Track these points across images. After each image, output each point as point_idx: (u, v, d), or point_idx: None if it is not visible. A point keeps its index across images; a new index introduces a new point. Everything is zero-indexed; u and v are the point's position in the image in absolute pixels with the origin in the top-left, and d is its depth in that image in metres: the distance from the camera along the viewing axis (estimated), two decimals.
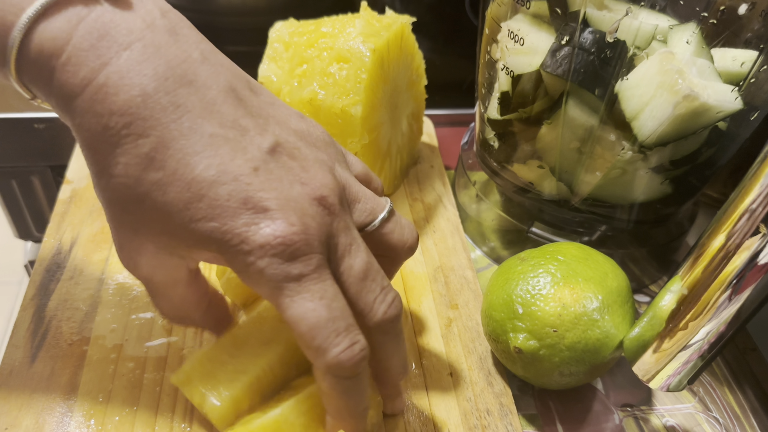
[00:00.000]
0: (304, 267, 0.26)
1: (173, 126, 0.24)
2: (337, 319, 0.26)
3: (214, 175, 0.25)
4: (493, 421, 0.34)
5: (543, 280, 0.34)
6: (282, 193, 0.26)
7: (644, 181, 0.38)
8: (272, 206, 0.25)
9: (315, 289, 0.26)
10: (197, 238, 0.26)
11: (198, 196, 0.25)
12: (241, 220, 0.25)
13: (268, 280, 0.25)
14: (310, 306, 0.26)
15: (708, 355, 0.29)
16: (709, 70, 0.33)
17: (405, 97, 0.47)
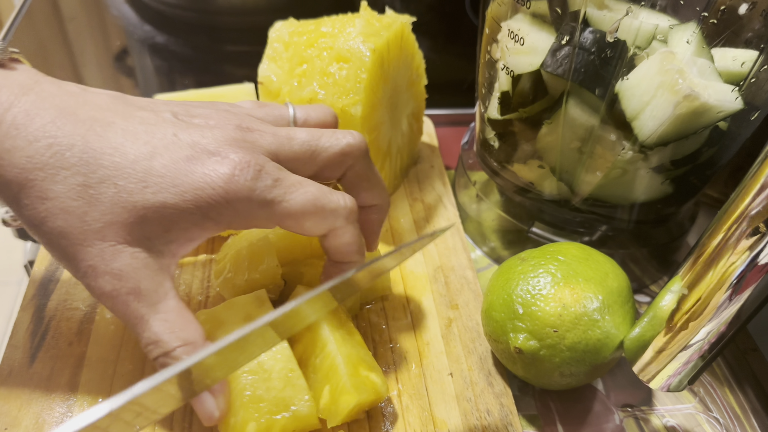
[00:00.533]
0: (272, 172, 0.29)
1: (89, 134, 0.27)
2: (323, 188, 0.30)
3: (147, 151, 0.27)
4: (493, 422, 0.34)
5: (543, 280, 0.34)
6: (209, 137, 0.28)
7: (645, 181, 0.38)
8: (212, 148, 0.28)
9: (294, 182, 0.29)
10: (172, 208, 0.27)
11: (147, 172, 0.27)
12: (197, 172, 0.27)
13: (259, 201, 0.28)
14: (301, 192, 0.29)
15: (708, 355, 0.29)
16: (709, 70, 0.33)
17: (405, 97, 0.47)
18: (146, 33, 0.69)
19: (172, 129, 0.28)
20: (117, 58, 0.66)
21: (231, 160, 0.28)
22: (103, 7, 0.74)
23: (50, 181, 0.26)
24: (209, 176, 0.27)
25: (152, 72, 0.65)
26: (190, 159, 0.27)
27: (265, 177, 0.28)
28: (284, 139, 0.30)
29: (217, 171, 0.27)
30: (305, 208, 0.29)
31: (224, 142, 0.28)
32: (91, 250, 0.27)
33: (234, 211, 0.28)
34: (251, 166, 0.28)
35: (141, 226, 0.27)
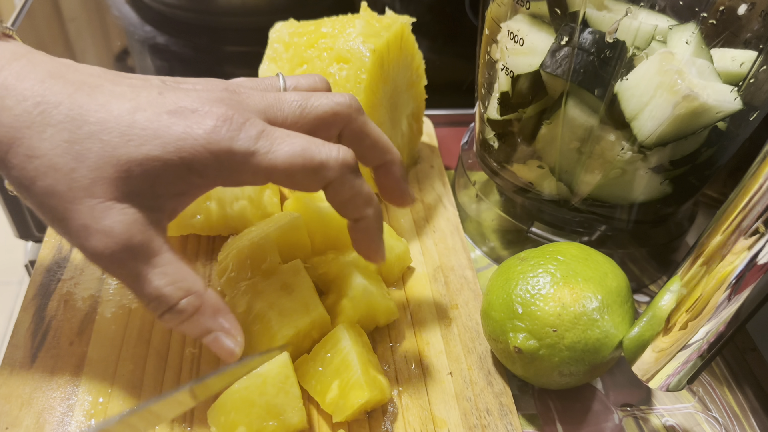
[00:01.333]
0: (257, 125, 0.28)
1: (77, 93, 0.27)
2: (313, 139, 0.29)
3: (132, 106, 0.27)
4: (492, 421, 0.34)
5: (543, 279, 0.34)
6: (195, 97, 0.28)
7: (644, 181, 0.38)
8: (196, 105, 0.28)
9: (281, 134, 0.29)
10: (155, 161, 0.27)
11: (130, 125, 0.27)
12: (180, 126, 0.27)
13: (242, 152, 0.27)
14: (288, 143, 0.28)
15: (707, 354, 0.29)
16: (708, 71, 0.33)
17: (405, 98, 0.47)
18: (147, 33, 0.69)
19: (157, 90, 0.28)
20: (118, 59, 0.66)
21: (214, 113, 0.28)
22: (103, 7, 0.74)
23: (37, 138, 0.26)
24: (191, 128, 0.27)
25: (153, 72, 0.65)
26: (173, 113, 0.27)
27: (249, 128, 0.28)
28: (272, 100, 0.30)
29: (199, 123, 0.27)
30: (293, 160, 0.28)
31: (209, 101, 0.28)
32: (81, 209, 0.27)
33: (218, 164, 0.28)
34: (234, 119, 0.28)
35: (127, 181, 0.27)
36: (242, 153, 0.28)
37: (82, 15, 0.72)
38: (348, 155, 0.30)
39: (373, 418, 0.34)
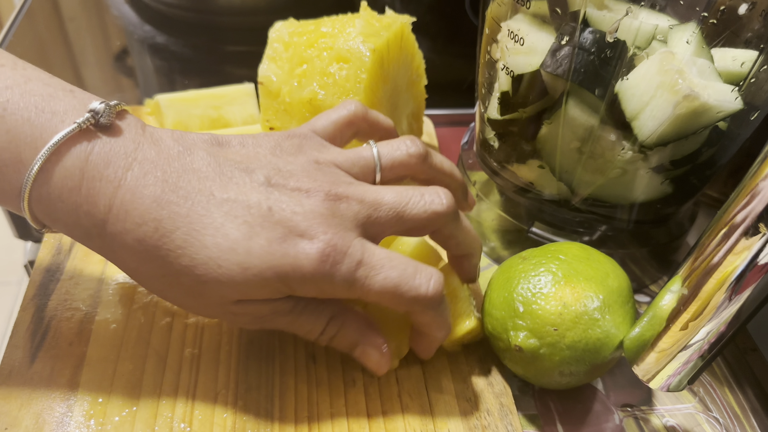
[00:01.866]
0: (357, 253, 0.30)
1: (192, 213, 0.28)
2: (406, 268, 0.30)
3: (246, 231, 0.28)
4: (493, 421, 0.34)
5: (544, 278, 0.34)
6: (300, 212, 0.29)
7: (644, 181, 0.38)
8: (303, 227, 0.29)
9: (374, 264, 0.30)
10: (260, 283, 0.29)
11: (246, 252, 0.28)
12: (289, 256, 0.29)
13: (341, 282, 0.29)
14: (381, 276, 0.30)
15: (708, 355, 0.29)
16: (709, 70, 0.33)
17: (405, 97, 0.47)
18: (146, 33, 0.69)
19: (266, 202, 0.29)
20: (117, 58, 0.66)
21: (320, 242, 0.29)
22: (103, 7, 0.74)
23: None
24: (298, 259, 0.29)
25: (152, 72, 0.65)
26: (283, 240, 0.29)
27: (350, 257, 0.29)
28: (371, 209, 0.31)
29: (307, 254, 0.29)
30: (384, 291, 0.30)
31: (314, 218, 0.29)
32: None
33: (317, 288, 0.30)
34: (338, 248, 0.29)
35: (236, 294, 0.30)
36: (341, 282, 0.29)
37: (82, 14, 0.72)
38: (438, 286, 0.31)
39: (373, 418, 0.34)
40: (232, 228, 0.28)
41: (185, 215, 0.28)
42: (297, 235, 0.29)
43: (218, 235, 0.28)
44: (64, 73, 0.62)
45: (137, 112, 0.53)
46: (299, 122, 0.43)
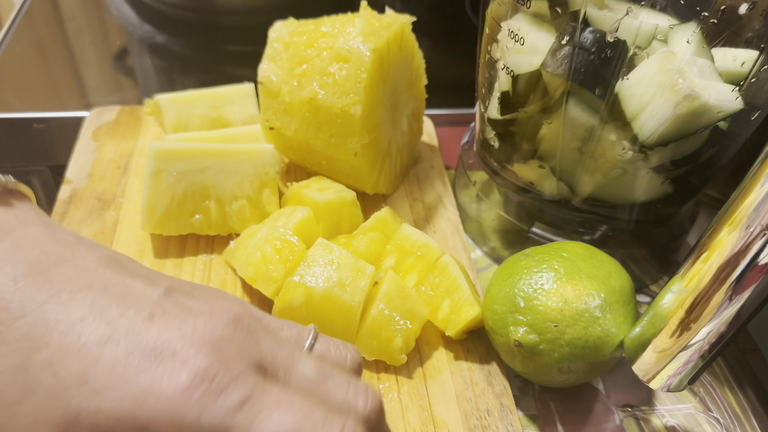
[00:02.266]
0: (244, 388, 0.22)
1: (51, 301, 0.22)
2: (312, 411, 0.23)
3: (105, 334, 0.22)
4: (493, 422, 0.34)
5: (546, 275, 0.34)
6: (187, 331, 0.23)
7: (645, 181, 0.38)
8: (179, 347, 0.22)
9: (270, 402, 0.22)
10: (107, 415, 0.21)
11: (93, 363, 0.22)
12: (147, 375, 0.22)
13: (217, 424, 0.22)
14: (276, 417, 0.22)
15: (708, 355, 0.29)
16: (709, 70, 0.33)
17: (405, 97, 0.47)
18: (146, 33, 0.69)
19: (150, 308, 0.23)
20: (117, 58, 0.66)
21: (194, 365, 0.22)
22: (102, 7, 0.74)
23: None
24: (159, 381, 0.22)
25: (152, 72, 0.65)
26: (148, 355, 0.22)
27: (231, 393, 0.22)
28: (284, 359, 0.24)
29: (171, 376, 0.22)
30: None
31: (199, 342, 0.23)
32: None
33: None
34: (217, 378, 0.22)
35: (72, 429, 0.22)
36: (219, 425, 0.21)
37: (81, 14, 0.72)
38: (375, 411, 0.25)
39: None
40: (90, 328, 0.22)
41: (41, 304, 0.23)
42: (168, 354, 0.22)
43: (69, 334, 0.22)
44: (63, 73, 0.62)
45: (137, 112, 0.53)
46: (299, 122, 0.43)
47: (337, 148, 0.42)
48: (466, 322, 0.36)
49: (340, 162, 0.43)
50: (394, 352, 0.36)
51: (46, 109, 0.56)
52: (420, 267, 0.40)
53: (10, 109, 0.55)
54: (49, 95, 0.59)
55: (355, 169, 0.43)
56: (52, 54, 0.64)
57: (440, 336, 0.39)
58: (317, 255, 0.36)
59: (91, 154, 0.49)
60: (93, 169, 0.47)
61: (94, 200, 0.45)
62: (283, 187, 0.48)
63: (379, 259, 0.41)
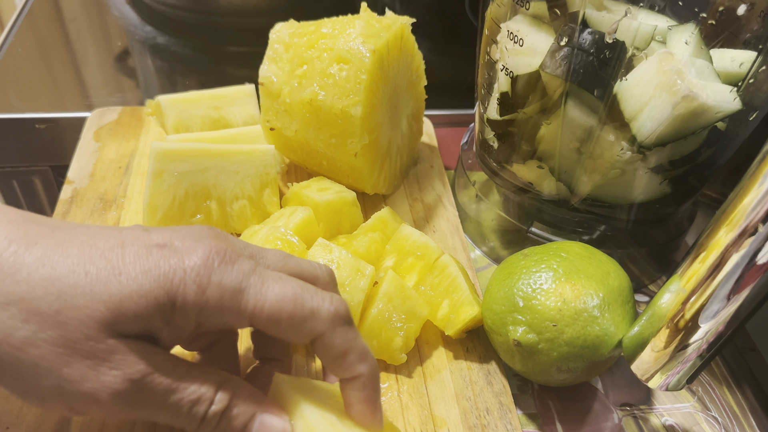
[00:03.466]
0: (250, 261, 0.27)
1: (56, 234, 0.25)
2: (307, 286, 0.27)
3: (117, 242, 0.26)
4: (492, 420, 0.35)
5: (545, 275, 0.34)
6: (181, 232, 0.27)
7: (643, 181, 0.38)
8: (181, 243, 0.26)
9: (274, 275, 0.27)
10: (144, 296, 0.24)
11: (118, 258, 0.25)
12: (169, 260, 0.25)
13: (232, 288, 0.25)
14: (280, 286, 0.26)
15: (707, 354, 0.29)
16: (708, 71, 0.34)
17: (405, 98, 0.47)
18: (147, 34, 0.69)
19: (143, 228, 0.27)
20: (118, 59, 0.66)
21: (206, 245, 0.26)
22: (104, 8, 0.74)
23: (11, 281, 0.24)
24: (182, 260, 0.25)
25: (153, 73, 0.65)
26: (162, 247, 0.26)
27: (242, 263, 0.26)
28: (256, 249, 0.28)
29: (190, 255, 0.25)
30: (282, 304, 0.26)
31: (197, 236, 0.27)
32: (82, 349, 0.24)
33: (203, 300, 0.25)
34: (228, 252, 0.26)
35: (119, 317, 0.25)
36: (231, 289, 0.25)
37: (83, 15, 0.72)
38: (341, 307, 0.27)
39: None
40: (101, 240, 0.26)
41: (47, 234, 0.25)
42: (178, 245, 0.26)
43: (86, 245, 0.25)
44: (65, 74, 0.62)
45: (138, 113, 0.53)
46: (300, 123, 0.43)
47: (338, 148, 0.43)
48: (466, 322, 0.37)
49: (340, 162, 0.44)
50: (394, 351, 0.36)
51: (48, 110, 0.56)
52: (419, 267, 0.40)
53: (12, 110, 0.55)
54: (50, 96, 0.59)
55: (356, 169, 0.44)
56: (53, 55, 0.64)
57: (440, 335, 0.39)
58: (317, 255, 0.37)
59: (93, 154, 0.49)
60: (94, 170, 0.47)
61: (96, 200, 0.45)
62: (284, 187, 0.48)
63: (379, 259, 0.41)
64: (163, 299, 0.25)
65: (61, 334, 0.24)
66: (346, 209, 0.43)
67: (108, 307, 0.24)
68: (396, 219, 0.44)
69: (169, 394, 0.25)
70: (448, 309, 0.38)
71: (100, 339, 0.24)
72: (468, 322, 0.37)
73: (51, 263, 0.24)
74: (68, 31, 0.69)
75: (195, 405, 0.26)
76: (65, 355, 0.24)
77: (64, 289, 0.24)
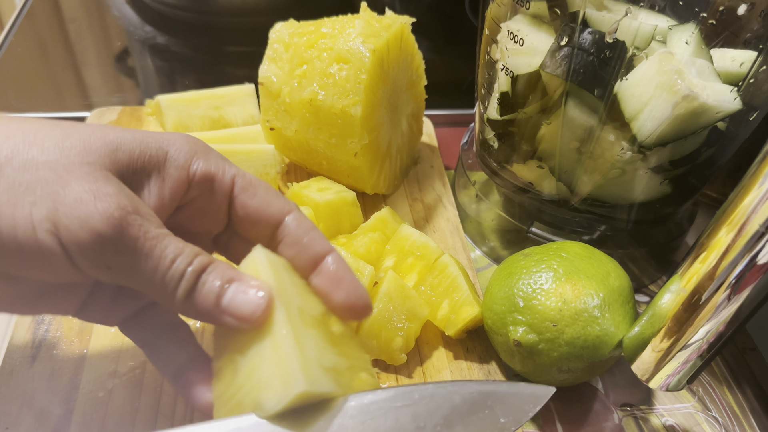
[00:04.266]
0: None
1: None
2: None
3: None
4: None
5: (545, 275, 0.34)
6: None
7: (644, 181, 0.38)
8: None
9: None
10: (132, 144, 0.27)
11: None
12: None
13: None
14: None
15: (707, 354, 0.29)
16: (708, 71, 0.33)
17: (405, 98, 0.47)
18: (147, 34, 0.69)
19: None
20: (118, 59, 0.66)
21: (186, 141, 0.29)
22: (104, 7, 0.74)
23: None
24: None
25: (153, 72, 0.65)
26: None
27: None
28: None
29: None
30: (257, 181, 0.29)
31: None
32: (78, 173, 0.24)
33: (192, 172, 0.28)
34: (206, 148, 0.29)
35: (115, 153, 0.26)
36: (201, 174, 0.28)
37: (83, 15, 0.72)
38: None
39: None
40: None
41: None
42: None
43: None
44: (65, 74, 0.62)
45: (138, 113, 0.53)
46: (300, 122, 0.43)
47: (338, 148, 0.43)
48: (466, 322, 0.37)
49: (340, 162, 0.44)
50: (394, 351, 0.36)
51: (48, 110, 0.56)
52: (419, 267, 0.40)
53: (11, 110, 0.55)
54: (50, 96, 0.59)
55: (355, 169, 0.44)
56: (53, 54, 0.64)
57: (440, 336, 0.39)
58: None
59: None
60: None
61: None
62: (284, 187, 0.48)
63: (379, 259, 0.41)
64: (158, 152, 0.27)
65: (63, 156, 0.24)
66: (346, 209, 0.43)
67: (106, 142, 0.26)
68: (396, 219, 0.44)
69: (154, 244, 0.25)
70: (448, 309, 0.38)
71: (99, 167, 0.25)
72: (468, 323, 0.37)
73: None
74: (68, 30, 0.69)
75: (174, 263, 0.25)
76: (64, 176, 0.24)
77: (67, 127, 0.25)
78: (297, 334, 0.24)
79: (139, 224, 0.25)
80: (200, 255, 0.26)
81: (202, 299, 0.26)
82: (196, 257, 0.26)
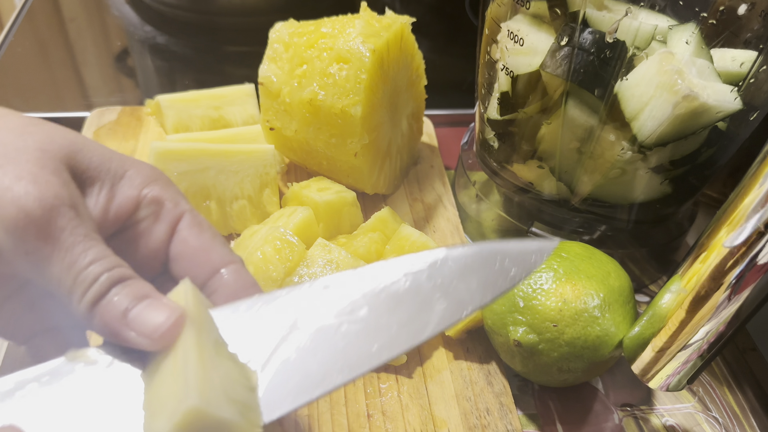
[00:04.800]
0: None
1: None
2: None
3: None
4: (492, 421, 0.34)
5: (545, 275, 0.34)
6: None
7: (644, 181, 0.38)
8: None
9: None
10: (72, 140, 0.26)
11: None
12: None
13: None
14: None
15: (707, 354, 0.29)
16: (708, 71, 0.33)
17: (405, 98, 0.47)
18: (147, 33, 0.69)
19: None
20: (118, 59, 0.66)
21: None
22: (103, 7, 0.74)
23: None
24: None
25: (153, 72, 0.65)
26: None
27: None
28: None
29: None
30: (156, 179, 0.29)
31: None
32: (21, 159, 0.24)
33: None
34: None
35: (51, 146, 0.26)
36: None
37: (82, 15, 0.72)
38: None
39: (373, 418, 0.34)
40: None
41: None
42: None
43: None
44: (64, 74, 0.62)
45: (138, 113, 0.53)
46: (299, 122, 0.43)
47: (337, 148, 0.43)
48: (466, 322, 0.37)
49: (340, 162, 0.44)
50: None
51: (47, 110, 0.56)
52: None
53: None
54: (50, 95, 0.59)
55: (355, 169, 0.44)
56: (53, 54, 0.64)
57: (440, 336, 0.39)
58: (317, 255, 0.37)
59: None
60: None
61: None
62: (284, 187, 0.48)
63: (379, 259, 0.41)
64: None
65: (20, 139, 0.25)
66: (346, 209, 0.43)
67: (70, 141, 0.26)
68: (396, 219, 0.44)
69: (78, 240, 0.24)
70: None
71: (53, 157, 0.25)
72: (468, 323, 0.37)
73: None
74: (67, 30, 0.69)
75: (91, 265, 0.24)
76: (14, 155, 0.24)
77: (36, 120, 0.26)
78: (204, 357, 0.23)
79: (70, 218, 0.24)
80: (122, 267, 0.25)
81: (109, 308, 0.24)
82: (117, 267, 0.25)
